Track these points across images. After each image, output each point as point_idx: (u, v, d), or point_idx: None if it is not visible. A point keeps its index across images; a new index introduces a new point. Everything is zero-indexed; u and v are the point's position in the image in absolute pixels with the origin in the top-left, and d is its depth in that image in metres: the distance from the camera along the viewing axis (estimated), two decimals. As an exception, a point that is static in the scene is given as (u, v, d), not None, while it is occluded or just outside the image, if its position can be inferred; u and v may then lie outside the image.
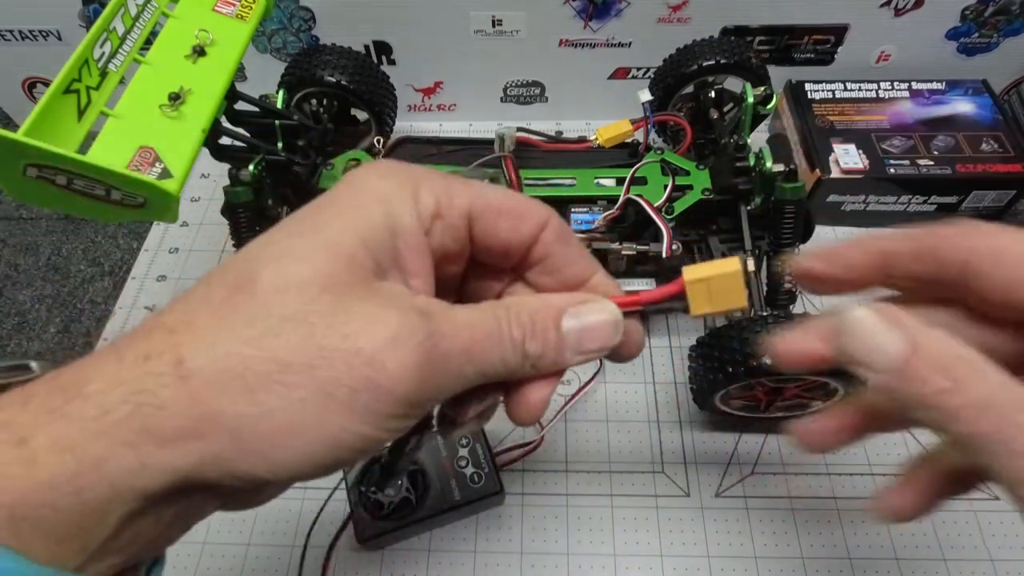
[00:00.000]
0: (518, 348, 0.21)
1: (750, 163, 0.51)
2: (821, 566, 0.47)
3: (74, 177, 0.34)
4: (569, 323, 0.22)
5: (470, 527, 0.49)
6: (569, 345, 0.22)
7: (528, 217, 0.23)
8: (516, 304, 0.22)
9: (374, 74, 0.62)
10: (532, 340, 0.21)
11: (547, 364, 0.22)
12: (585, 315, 0.22)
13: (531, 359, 0.22)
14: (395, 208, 0.21)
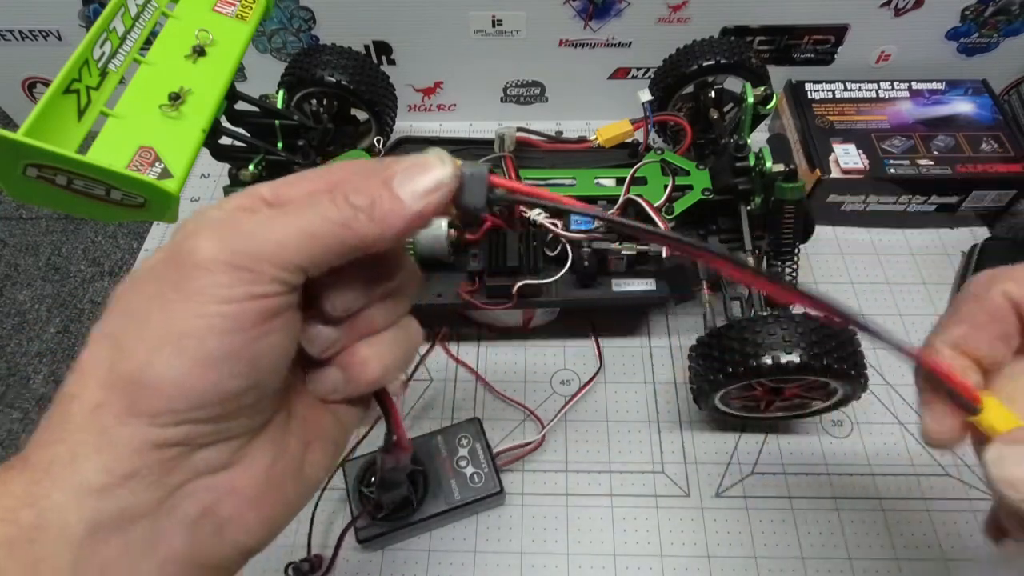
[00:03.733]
0: (340, 203, 0.21)
1: (750, 163, 0.51)
2: (821, 566, 0.47)
3: (74, 177, 0.34)
4: (400, 179, 0.22)
5: (470, 527, 0.49)
6: (404, 193, 0.21)
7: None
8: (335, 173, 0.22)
9: (374, 74, 0.62)
10: (355, 194, 0.21)
11: (383, 215, 0.21)
12: (414, 166, 0.22)
13: (362, 212, 0.21)
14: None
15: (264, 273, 0.20)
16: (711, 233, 0.54)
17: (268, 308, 0.20)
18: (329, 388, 0.25)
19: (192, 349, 0.19)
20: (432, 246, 0.50)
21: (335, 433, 0.26)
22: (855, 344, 0.45)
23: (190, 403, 0.20)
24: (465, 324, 0.60)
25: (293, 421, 0.24)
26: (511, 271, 0.50)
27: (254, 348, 0.20)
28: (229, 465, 0.21)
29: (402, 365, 0.26)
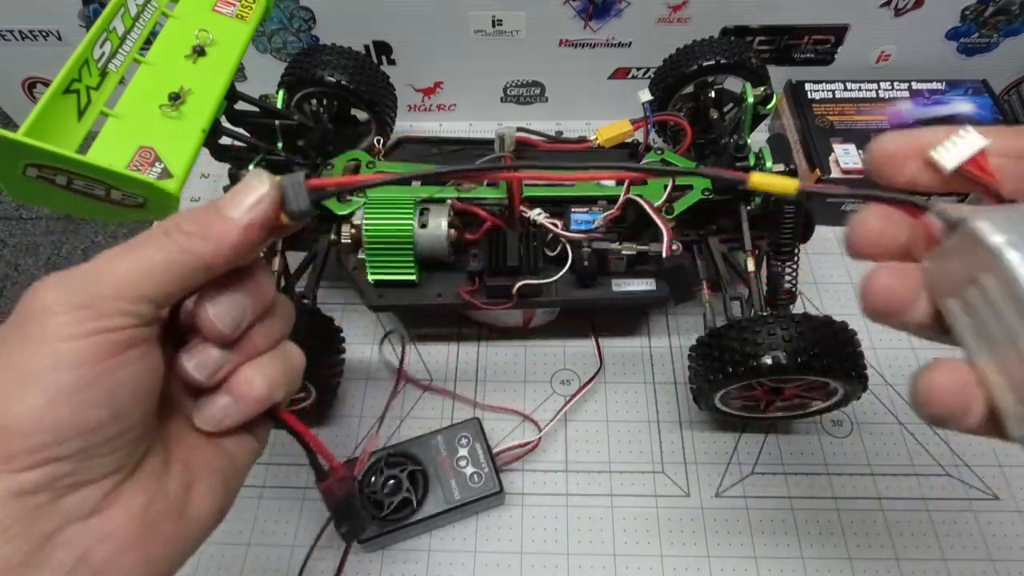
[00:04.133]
0: (172, 232, 0.23)
1: (750, 163, 0.51)
2: (821, 566, 0.47)
3: (74, 177, 0.34)
4: (226, 198, 0.24)
5: (470, 527, 0.49)
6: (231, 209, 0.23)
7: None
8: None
9: (374, 74, 0.62)
10: (187, 222, 0.23)
11: (217, 230, 0.23)
12: (237, 188, 0.24)
13: (198, 232, 0.23)
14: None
15: (107, 308, 0.21)
16: (711, 233, 0.54)
17: (119, 340, 0.21)
18: (219, 415, 0.26)
19: (43, 384, 0.20)
20: (432, 246, 0.50)
21: (224, 472, 0.27)
22: (855, 344, 0.45)
23: (46, 439, 0.20)
24: (465, 324, 0.60)
25: (173, 464, 0.25)
26: (511, 271, 0.50)
27: (110, 379, 0.21)
28: (100, 509, 0.22)
29: (285, 384, 0.27)
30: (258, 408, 0.26)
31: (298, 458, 0.52)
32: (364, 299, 0.51)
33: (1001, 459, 0.52)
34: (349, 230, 0.51)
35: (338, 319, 0.50)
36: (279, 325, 0.28)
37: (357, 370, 0.57)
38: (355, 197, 0.53)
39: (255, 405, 0.26)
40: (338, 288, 0.62)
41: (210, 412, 0.26)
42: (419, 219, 0.49)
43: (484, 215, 0.51)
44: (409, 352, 0.58)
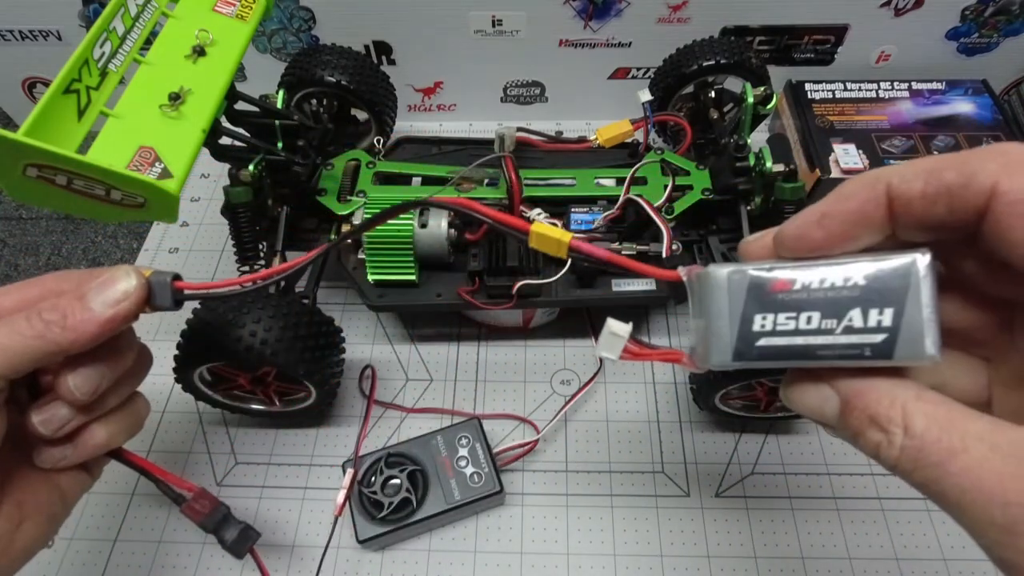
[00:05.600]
0: (33, 319, 0.25)
1: (750, 163, 0.51)
2: (821, 566, 0.47)
3: (74, 177, 0.34)
4: (93, 292, 0.26)
5: (470, 527, 0.49)
6: (95, 303, 0.26)
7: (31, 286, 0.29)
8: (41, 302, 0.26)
9: (374, 74, 0.62)
10: (48, 310, 0.25)
11: (77, 324, 0.25)
12: (105, 280, 0.26)
13: (54, 324, 0.25)
14: None
15: None
16: (711, 233, 0.54)
17: None
18: (57, 457, 0.28)
19: None
20: (432, 246, 0.50)
21: (54, 508, 0.29)
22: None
23: None
24: (465, 324, 0.60)
25: (4, 504, 0.27)
26: (511, 271, 0.50)
27: None
28: None
29: (129, 433, 0.30)
30: (96, 454, 0.28)
31: (297, 459, 0.53)
32: (364, 299, 0.51)
33: (1001, 459, 0.52)
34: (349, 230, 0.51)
35: (338, 319, 0.50)
36: (135, 382, 0.30)
37: (357, 370, 0.57)
38: (355, 197, 0.53)
39: (94, 452, 0.28)
40: (338, 288, 0.62)
41: (49, 455, 0.28)
42: (419, 219, 0.49)
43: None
44: (409, 352, 0.58)
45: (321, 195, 0.53)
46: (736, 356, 0.21)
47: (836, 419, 0.21)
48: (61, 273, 0.28)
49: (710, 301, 0.22)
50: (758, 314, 0.21)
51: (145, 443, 0.54)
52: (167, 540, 0.49)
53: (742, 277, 0.21)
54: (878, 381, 0.20)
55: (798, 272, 0.21)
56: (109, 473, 0.52)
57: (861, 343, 0.20)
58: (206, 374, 0.46)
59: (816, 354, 0.20)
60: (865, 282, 0.20)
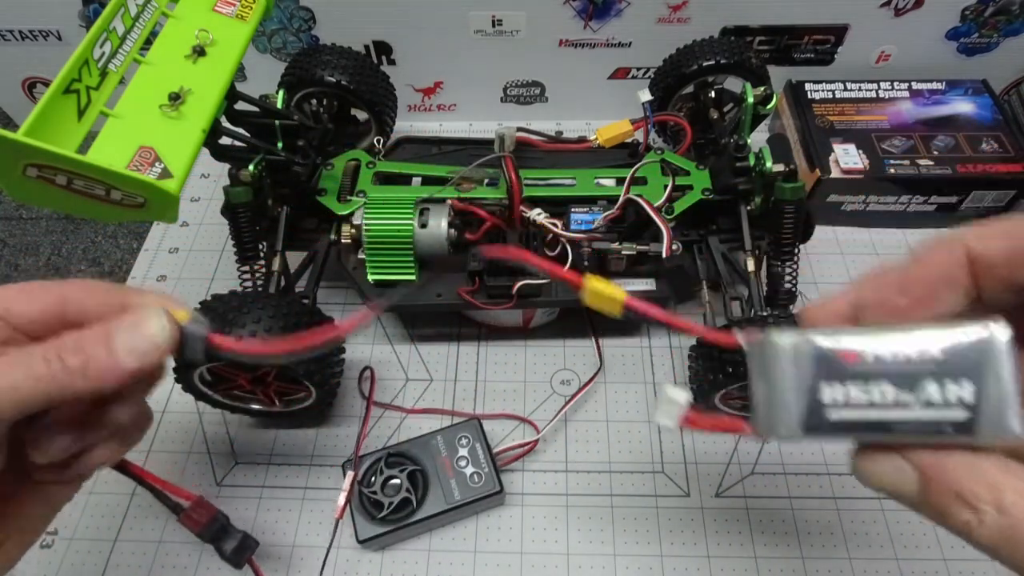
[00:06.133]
0: (49, 364, 0.23)
1: (750, 163, 0.51)
2: (821, 566, 0.47)
3: (74, 177, 0.34)
4: (121, 334, 0.24)
5: (470, 527, 0.49)
6: (120, 351, 0.23)
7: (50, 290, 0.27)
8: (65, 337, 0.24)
9: (374, 74, 0.62)
10: (71, 354, 0.23)
11: (99, 370, 0.23)
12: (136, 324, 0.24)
13: (75, 370, 0.23)
14: None
15: None
16: (711, 233, 0.54)
17: None
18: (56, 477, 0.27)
19: None
20: (432, 246, 0.50)
21: (38, 522, 0.28)
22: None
23: None
24: (465, 324, 0.60)
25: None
26: (511, 271, 0.50)
27: None
28: None
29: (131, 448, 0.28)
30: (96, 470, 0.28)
31: (297, 459, 0.53)
32: (364, 299, 0.51)
33: (1001, 459, 0.52)
34: (349, 230, 0.51)
35: (338, 319, 0.50)
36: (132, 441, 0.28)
37: (357, 370, 0.57)
38: (355, 197, 0.53)
39: (94, 470, 0.27)
40: (338, 288, 0.62)
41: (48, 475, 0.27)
42: (419, 219, 0.49)
43: (484, 215, 0.51)
44: (409, 352, 0.58)
45: (321, 195, 0.53)
46: (806, 429, 0.20)
47: (916, 495, 0.20)
48: (89, 284, 0.26)
49: (774, 370, 0.20)
50: (827, 386, 0.20)
51: (145, 443, 0.54)
52: (167, 540, 0.49)
53: (808, 347, 0.20)
54: (959, 454, 0.19)
55: (867, 343, 0.20)
56: (110, 474, 0.52)
57: (941, 419, 0.19)
58: (206, 374, 0.46)
59: (892, 428, 0.19)
60: (940, 355, 0.19)
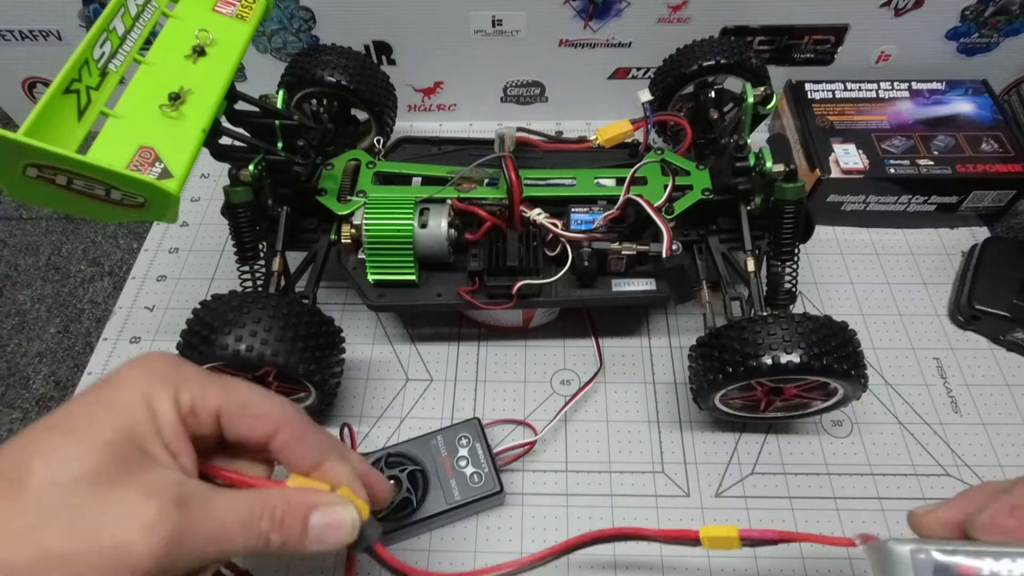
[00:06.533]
0: (263, 537, 0.26)
1: (750, 163, 0.51)
2: (821, 566, 0.47)
3: (74, 177, 0.34)
4: (316, 520, 0.27)
5: (470, 527, 0.49)
6: (310, 537, 0.27)
7: (267, 419, 0.29)
8: (274, 497, 0.27)
9: (374, 74, 0.62)
10: (277, 532, 0.26)
11: (288, 550, 0.26)
12: (330, 515, 0.28)
13: (274, 546, 0.26)
14: (156, 407, 0.25)
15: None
16: (711, 233, 0.54)
17: None
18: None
19: None
20: (432, 246, 0.50)
21: None
22: (855, 344, 0.45)
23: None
24: (465, 324, 0.60)
25: None
26: (511, 271, 0.50)
27: None
28: None
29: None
30: None
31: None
32: (364, 299, 0.51)
33: (1001, 459, 0.52)
34: (349, 230, 0.51)
35: (338, 319, 0.50)
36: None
37: (357, 370, 0.57)
38: (355, 197, 0.53)
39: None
40: (338, 288, 0.62)
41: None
42: (419, 219, 0.49)
43: (484, 215, 0.51)
44: (409, 352, 0.58)
45: (321, 195, 0.53)
46: None
47: None
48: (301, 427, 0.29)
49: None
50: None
51: (145, 443, 0.53)
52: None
53: (927, 558, 0.22)
54: None
55: (984, 561, 0.22)
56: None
57: None
58: (206, 374, 0.46)
59: None
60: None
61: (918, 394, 0.55)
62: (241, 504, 0.26)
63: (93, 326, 0.62)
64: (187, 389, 0.26)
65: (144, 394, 0.25)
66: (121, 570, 0.21)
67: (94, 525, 0.22)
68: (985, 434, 0.53)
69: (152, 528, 0.22)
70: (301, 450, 0.29)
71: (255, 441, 0.28)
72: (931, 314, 0.60)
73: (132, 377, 0.26)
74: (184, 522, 0.23)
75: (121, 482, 0.23)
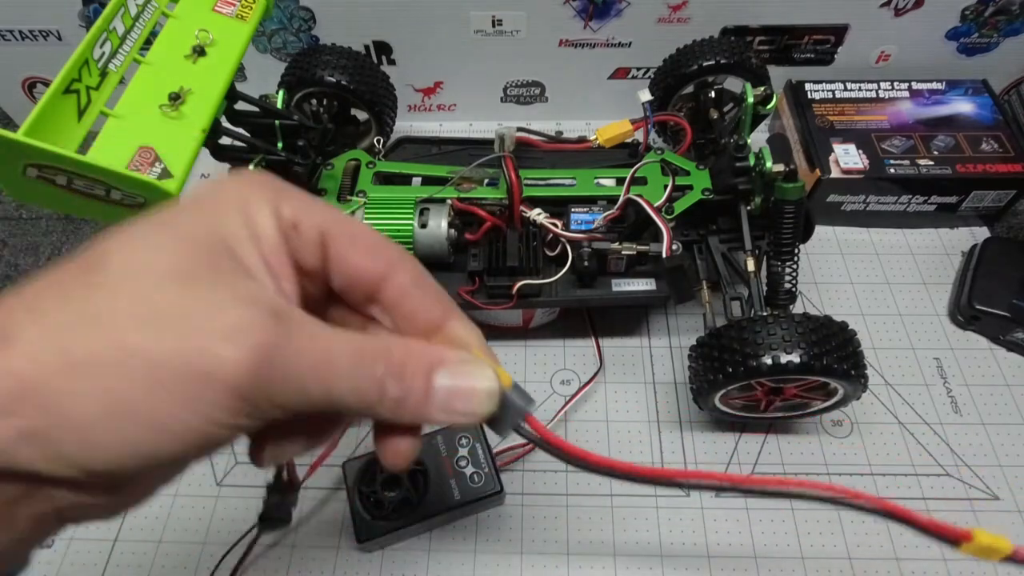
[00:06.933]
0: (376, 383, 0.20)
1: (750, 163, 0.51)
2: (821, 566, 0.47)
3: (74, 177, 0.34)
4: (442, 380, 0.21)
5: (470, 527, 0.49)
6: (436, 400, 0.21)
7: (380, 252, 0.23)
8: (392, 340, 0.22)
9: (374, 74, 0.62)
10: (395, 381, 0.20)
11: (407, 411, 0.21)
12: (462, 376, 0.22)
13: (390, 399, 0.20)
14: (254, 213, 0.21)
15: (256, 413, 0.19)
16: (711, 233, 0.54)
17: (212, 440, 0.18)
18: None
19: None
20: (432, 246, 0.50)
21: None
22: (855, 344, 0.45)
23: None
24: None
25: None
26: (511, 271, 0.50)
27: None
28: None
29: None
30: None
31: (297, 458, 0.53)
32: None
33: (1001, 459, 0.52)
34: (349, 230, 0.51)
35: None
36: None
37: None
38: (355, 197, 0.53)
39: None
40: (338, 288, 0.62)
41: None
42: (419, 219, 0.49)
43: (484, 215, 0.51)
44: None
45: (321, 195, 0.53)
46: None
47: None
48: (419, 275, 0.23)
49: None
50: None
51: (145, 443, 0.53)
52: (167, 540, 0.49)
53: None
54: None
55: None
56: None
57: None
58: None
59: None
60: None
61: (918, 394, 0.55)
62: (353, 339, 0.20)
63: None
64: (289, 202, 0.21)
65: (241, 197, 0.21)
66: (209, 381, 0.17)
67: (178, 325, 0.18)
68: (985, 434, 0.53)
69: (245, 336, 0.18)
70: (421, 300, 0.23)
71: (366, 279, 0.22)
72: (931, 314, 0.60)
73: (232, 182, 0.21)
74: (282, 338, 0.18)
75: (209, 283, 0.18)
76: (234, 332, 0.18)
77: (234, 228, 0.20)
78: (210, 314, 0.18)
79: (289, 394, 0.19)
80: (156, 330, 0.17)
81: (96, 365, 0.17)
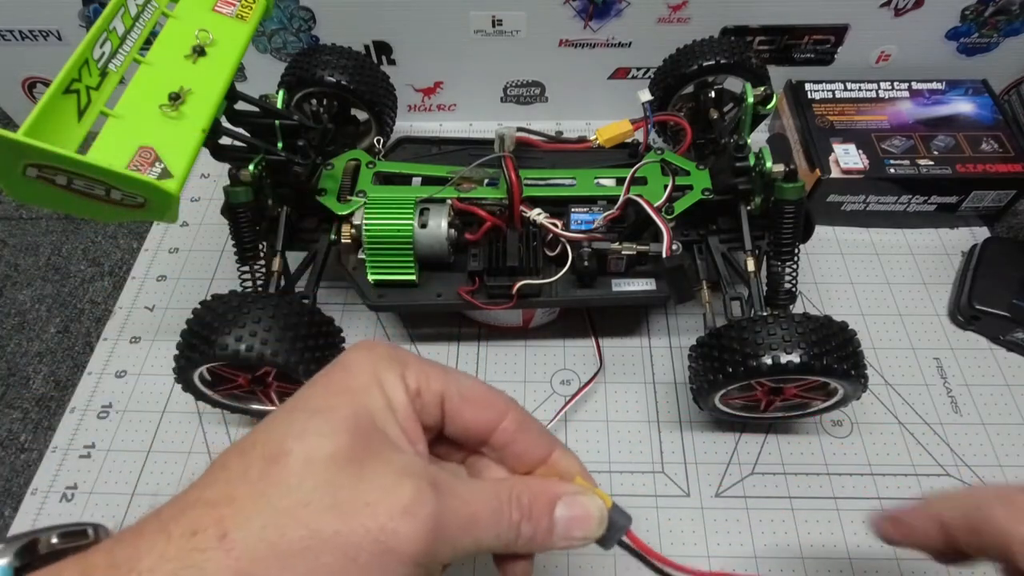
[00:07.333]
0: (514, 528, 0.24)
1: (750, 163, 0.51)
2: (821, 566, 0.47)
3: (74, 177, 0.34)
4: (561, 511, 0.25)
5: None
6: (558, 531, 0.25)
7: (490, 406, 0.26)
8: (518, 485, 0.25)
9: (374, 74, 0.62)
10: (527, 522, 0.24)
11: (536, 545, 0.25)
12: (576, 507, 0.26)
13: (523, 539, 0.24)
14: (389, 388, 0.24)
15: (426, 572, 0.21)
16: (711, 233, 0.54)
17: None
18: None
19: None
20: (432, 246, 0.50)
21: None
22: (855, 344, 0.45)
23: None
24: (465, 324, 0.60)
25: None
26: (511, 271, 0.50)
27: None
28: None
29: None
30: None
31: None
32: (364, 299, 0.51)
33: (1001, 459, 0.52)
34: (349, 230, 0.51)
35: (338, 319, 0.50)
36: None
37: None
38: (355, 197, 0.53)
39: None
40: (338, 288, 0.62)
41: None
42: (419, 219, 0.49)
43: (484, 215, 0.51)
44: (409, 352, 0.58)
45: (321, 195, 0.53)
46: None
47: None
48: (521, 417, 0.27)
49: None
50: None
51: (145, 443, 0.54)
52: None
53: None
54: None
55: None
56: (109, 473, 0.52)
57: None
58: (206, 374, 0.46)
59: None
60: None
61: (918, 394, 0.55)
62: (488, 491, 0.24)
63: (93, 326, 0.62)
64: (411, 371, 0.25)
65: (375, 374, 0.24)
66: (390, 556, 0.20)
67: (357, 507, 0.20)
68: (985, 434, 0.53)
69: (415, 511, 0.21)
70: (528, 441, 0.27)
71: (479, 430, 0.26)
72: (931, 314, 0.60)
73: (360, 359, 0.24)
74: (441, 505, 0.21)
75: (371, 463, 0.21)
76: (407, 510, 0.21)
77: (377, 406, 0.23)
78: (383, 495, 0.21)
79: (447, 551, 0.22)
80: (342, 514, 0.20)
81: (298, 553, 0.19)
